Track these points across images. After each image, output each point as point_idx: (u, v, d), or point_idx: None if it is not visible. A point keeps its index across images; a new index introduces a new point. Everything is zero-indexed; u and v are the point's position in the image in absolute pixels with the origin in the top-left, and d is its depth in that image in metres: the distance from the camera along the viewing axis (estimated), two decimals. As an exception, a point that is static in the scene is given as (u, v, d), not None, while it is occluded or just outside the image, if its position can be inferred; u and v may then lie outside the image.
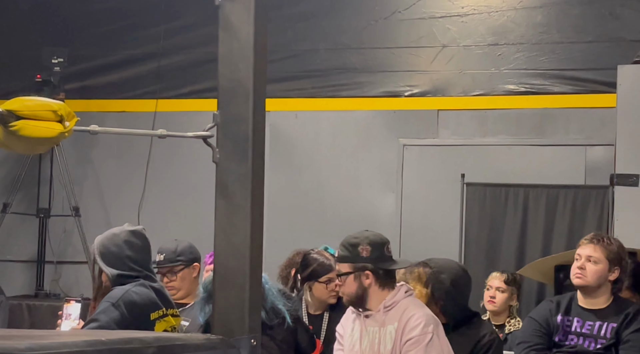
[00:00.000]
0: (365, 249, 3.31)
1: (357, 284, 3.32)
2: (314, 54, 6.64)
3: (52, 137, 1.89)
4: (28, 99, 1.92)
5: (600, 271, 3.84)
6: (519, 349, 3.93)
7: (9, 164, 6.97)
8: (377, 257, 3.32)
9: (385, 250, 3.35)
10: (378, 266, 3.31)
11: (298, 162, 6.53)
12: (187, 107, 6.72)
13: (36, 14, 7.01)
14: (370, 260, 3.31)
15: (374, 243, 3.34)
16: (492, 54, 6.29)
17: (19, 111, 1.86)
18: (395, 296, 3.30)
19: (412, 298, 3.34)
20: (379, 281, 3.31)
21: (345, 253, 3.36)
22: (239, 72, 2.09)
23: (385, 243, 3.37)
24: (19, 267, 6.94)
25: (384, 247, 3.35)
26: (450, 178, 6.09)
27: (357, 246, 3.32)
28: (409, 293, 3.35)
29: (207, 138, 2.13)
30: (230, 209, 2.07)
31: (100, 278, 3.26)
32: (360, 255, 3.31)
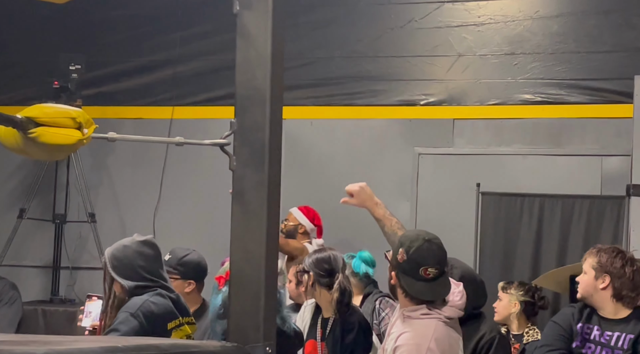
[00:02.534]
0: (402, 253, 3.19)
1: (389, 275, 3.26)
2: (330, 61, 6.65)
3: (71, 144, 1.90)
4: (47, 106, 1.93)
5: (585, 281, 3.87)
6: (540, 352, 3.91)
7: (25, 170, 7.00)
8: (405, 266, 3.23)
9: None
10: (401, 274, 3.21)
11: (313, 170, 6.53)
12: (202, 114, 6.74)
13: (53, 21, 7.05)
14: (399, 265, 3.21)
15: (410, 255, 3.18)
16: (509, 63, 6.29)
17: (38, 118, 1.88)
18: (414, 311, 3.19)
19: (426, 321, 3.17)
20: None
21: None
22: (256, 79, 2.10)
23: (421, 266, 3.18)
24: (35, 272, 6.97)
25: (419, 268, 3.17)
26: (465, 187, 6.07)
27: (401, 247, 3.20)
28: (428, 316, 3.18)
29: (224, 145, 2.13)
30: (246, 216, 2.08)
31: (111, 289, 3.26)
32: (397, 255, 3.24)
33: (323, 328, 4.07)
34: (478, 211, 5.88)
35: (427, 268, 3.13)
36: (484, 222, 5.88)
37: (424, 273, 3.13)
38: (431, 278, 3.15)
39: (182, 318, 3.24)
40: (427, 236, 3.20)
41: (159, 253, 3.31)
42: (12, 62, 7.13)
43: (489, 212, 5.90)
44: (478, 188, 5.93)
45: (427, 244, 3.17)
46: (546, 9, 6.27)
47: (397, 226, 3.54)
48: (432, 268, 3.14)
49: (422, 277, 3.14)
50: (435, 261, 3.16)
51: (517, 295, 5.06)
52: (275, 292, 2.12)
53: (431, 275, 3.14)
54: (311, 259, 4.14)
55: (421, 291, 3.16)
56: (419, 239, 3.17)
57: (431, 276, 3.14)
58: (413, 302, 3.18)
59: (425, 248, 3.16)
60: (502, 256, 5.84)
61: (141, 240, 3.27)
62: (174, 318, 3.19)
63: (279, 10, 2.11)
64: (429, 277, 3.14)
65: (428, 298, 3.17)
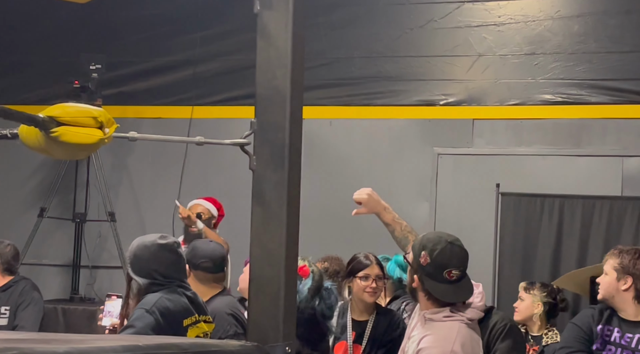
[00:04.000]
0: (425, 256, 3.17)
1: (410, 278, 3.24)
2: (349, 61, 6.65)
3: (92, 143, 1.91)
4: (69, 106, 1.94)
5: (607, 282, 3.84)
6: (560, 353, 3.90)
7: (46, 169, 7.04)
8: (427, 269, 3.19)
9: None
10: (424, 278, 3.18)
11: (332, 170, 6.53)
12: (222, 114, 6.75)
13: (74, 21, 7.09)
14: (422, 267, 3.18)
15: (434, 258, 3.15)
16: (529, 63, 6.26)
17: (60, 117, 1.89)
18: (436, 313, 3.17)
19: (449, 324, 3.15)
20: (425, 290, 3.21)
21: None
22: (276, 79, 2.11)
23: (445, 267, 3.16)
24: (55, 271, 7.01)
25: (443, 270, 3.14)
26: (485, 188, 6.05)
27: (423, 250, 3.17)
28: (451, 318, 3.17)
29: (245, 145, 2.14)
30: (266, 216, 2.08)
31: (129, 284, 3.28)
32: (419, 258, 3.20)
33: (356, 330, 4.08)
34: (498, 212, 5.86)
35: (450, 270, 3.13)
36: (504, 223, 5.86)
37: (447, 275, 3.13)
38: (454, 280, 3.15)
39: (198, 315, 3.25)
40: (449, 238, 3.19)
41: (179, 257, 3.30)
42: (33, 61, 7.18)
43: (508, 213, 5.88)
44: (498, 188, 5.90)
45: (449, 246, 3.16)
46: (567, 9, 6.24)
47: (407, 230, 3.55)
48: (455, 270, 3.14)
49: (445, 279, 3.14)
50: (459, 263, 3.16)
51: (540, 296, 5.03)
52: (295, 292, 2.12)
53: (454, 277, 3.14)
54: None
55: (445, 294, 3.15)
56: (441, 241, 3.17)
57: (454, 278, 3.15)
58: (435, 304, 3.17)
59: (449, 250, 3.15)
60: (521, 257, 5.81)
61: (162, 243, 3.26)
62: (189, 314, 3.20)
63: (299, 10, 2.12)
64: (453, 279, 3.14)
65: (452, 300, 3.17)
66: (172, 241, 3.31)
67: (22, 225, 6.69)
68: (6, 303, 5.30)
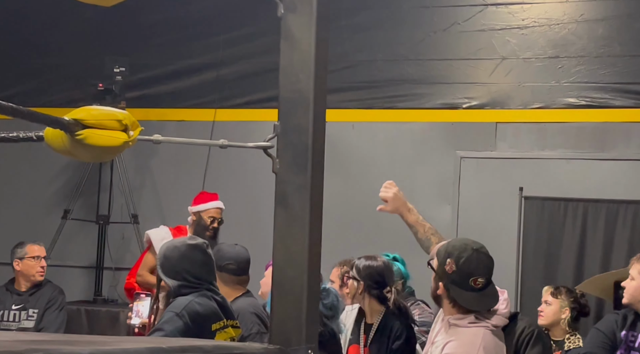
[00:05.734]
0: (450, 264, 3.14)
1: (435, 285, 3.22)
2: (372, 64, 6.65)
3: (117, 145, 1.92)
4: (94, 108, 1.95)
5: (633, 287, 3.82)
6: None
7: (70, 171, 7.09)
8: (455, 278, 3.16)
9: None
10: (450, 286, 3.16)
11: (354, 173, 6.52)
12: (245, 116, 6.77)
13: (98, 24, 7.13)
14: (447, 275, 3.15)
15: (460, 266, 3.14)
16: (553, 66, 6.23)
17: (85, 120, 1.89)
18: (461, 319, 3.15)
19: (474, 330, 3.13)
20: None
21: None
22: (299, 83, 2.10)
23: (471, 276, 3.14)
24: (78, 273, 7.05)
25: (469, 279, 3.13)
26: (508, 191, 6.03)
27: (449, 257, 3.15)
28: (476, 324, 3.15)
29: (268, 148, 2.14)
30: (289, 219, 2.08)
31: (159, 286, 3.30)
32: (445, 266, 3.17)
33: (367, 334, 4.06)
34: (521, 215, 5.83)
35: (477, 279, 3.12)
36: (527, 227, 5.83)
37: (473, 283, 3.12)
38: (480, 287, 3.13)
39: (226, 320, 3.26)
40: (475, 246, 3.17)
41: (209, 258, 3.32)
42: (57, 64, 7.23)
43: (531, 217, 5.85)
44: (521, 192, 5.88)
45: (475, 254, 3.14)
46: (591, 12, 6.20)
47: (431, 232, 3.53)
48: (481, 278, 3.13)
49: (471, 287, 3.12)
50: (485, 270, 3.15)
51: (568, 301, 5.00)
52: (318, 295, 2.12)
53: (480, 284, 3.13)
54: (362, 266, 4.14)
55: (471, 302, 3.14)
56: (467, 249, 3.15)
57: (480, 286, 3.13)
58: (460, 311, 3.16)
59: (475, 258, 3.13)
60: (545, 261, 5.78)
61: (192, 243, 3.28)
62: (218, 319, 3.21)
63: (323, 13, 2.11)
64: (478, 287, 3.13)
65: (478, 309, 3.15)
66: (201, 241, 3.33)
67: (46, 226, 6.73)
68: (34, 305, 5.34)
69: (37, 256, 5.38)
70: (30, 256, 5.36)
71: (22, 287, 5.38)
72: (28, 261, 5.35)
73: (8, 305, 5.33)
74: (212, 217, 5.57)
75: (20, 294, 5.36)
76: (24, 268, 5.35)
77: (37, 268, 5.35)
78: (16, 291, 5.37)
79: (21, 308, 5.33)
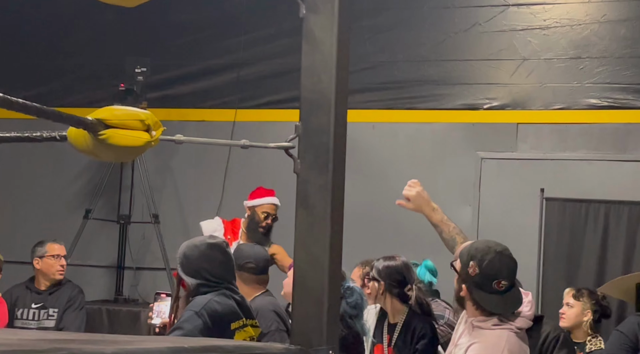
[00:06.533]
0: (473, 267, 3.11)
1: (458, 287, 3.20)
2: (393, 65, 6.64)
3: (139, 145, 1.93)
4: (117, 108, 1.96)
5: None
6: None
7: (91, 171, 7.12)
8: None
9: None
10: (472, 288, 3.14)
11: (374, 173, 6.52)
12: (265, 117, 6.78)
13: (120, 24, 7.16)
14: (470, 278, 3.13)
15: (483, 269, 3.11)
16: (574, 67, 6.20)
17: (108, 120, 1.90)
18: (484, 321, 3.13)
19: (498, 332, 3.12)
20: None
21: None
22: (321, 83, 2.11)
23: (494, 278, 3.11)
24: (100, 272, 7.08)
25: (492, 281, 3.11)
26: (529, 193, 6.00)
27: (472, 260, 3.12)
28: (500, 326, 3.12)
29: (289, 149, 2.14)
30: (310, 220, 2.08)
31: (179, 285, 3.31)
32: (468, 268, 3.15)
33: (390, 334, 4.07)
34: (542, 217, 5.81)
35: (500, 281, 3.09)
36: (548, 228, 5.81)
37: (497, 286, 3.09)
38: (504, 290, 3.11)
39: (245, 319, 3.26)
40: (498, 248, 3.14)
41: (228, 258, 3.33)
42: (79, 64, 7.26)
43: (553, 218, 5.82)
44: (542, 193, 5.86)
45: (499, 256, 3.11)
46: (614, 13, 6.16)
47: (455, 232, 3.51)
48: (505, 281, 3.10)
49: (494, 290, 3.09)
50: (508, 273, 3.12)
51: (590, 304, 4.98)
52: (339, 296, 2.12)
53: (504, 287, 3.10)
54: (382, 266, 4.14)
55: (495, 304, 3.11)
56: (490, 251, 3.12)
57: (504, 288, 3.10)
58: (484, 313, 3.14)
59: (498, 261, 3.10)
60: (566, 263, 5.76)
61: (212, 242, 3.30)
62: (237, 318, 3.22)
63: (345, 14, 2.11)
64: (502, 289, 3.10)
65: (502, 311, 3.12)
66: (221, 241, 3.35)
67: (68, 226, 6.76)
68: (54, 305, 5.36)
69: (57, 255, 5.40)
70: (50, 255, 5.38)
71: (41, 286, 5.40)
72: (48, 260, 5.37)
73: (28, 304, 5.35)
74: (266, 213, 5.48)
75: (40, 293, 5.39)
76: (44, 266, 5.37)
77: (56, 267, 5.37)
78: (36, 289, 5.40)
79: (40, 307, 5.35)
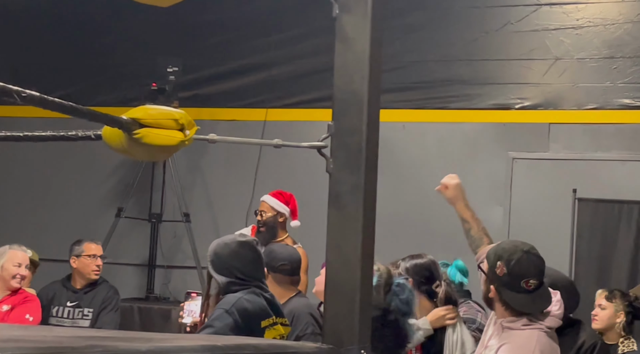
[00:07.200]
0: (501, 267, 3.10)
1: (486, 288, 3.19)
2: (423, 65, 6.62)
3: (173, 145, 1.94)
4: (151, 108, 1.98)
5: None
6: None
7: (123, 170, 7.17)
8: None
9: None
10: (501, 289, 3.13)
11: (404, 173, 6.50)
12: (295, 116, 6.79)
13: (152, 24, 7.20)
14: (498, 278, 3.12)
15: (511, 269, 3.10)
16: (607, 67, 6.15)
17: (143, 119, 1.92)
18: (514, 322, 3.12)
19: (528, 332, 3.10)
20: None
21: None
22: (354, 83, 2.11)
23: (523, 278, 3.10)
24: (131, 270, 7.13)
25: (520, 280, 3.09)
26: (561, 193, 5.96)
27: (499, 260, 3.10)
28: (530, 326, 3.11)
29: (322, 148, 2.15)
30: (343, 219, 2.08)
31: (209, 283, 3.33)
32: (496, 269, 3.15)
33: None
34: (574, 217, 5.77)
35: (528, 280, 3.08)
36: (580, 229, 5.77)
37: (525, 285, 3.08)
38: (532, 289, 3.10)
39: (275, 317, 3.28)
40: (525, 247, 3.13)
41: (258, 256, 3.35)
42: (111, 64, 7.32)
43: (585, 219, 5.79)
44: (574, 194, 5.82)
45: (526, 255, 3.10)
46: (647, 12, 6.11)
47: (483, 232, 3.52)
48: (533, 280, 3.09)
49: (523, 289, 3.08)
50: (536, 272, 3.11)
51: (622, 305, 4.93)
52: (371, 295, 2.12)
53: (532, 286, 3.09)
54: (409, 265, 4.12)
55: (524, 304, 3.10)
56: (517, 251, 3.11)
57: (532, 287, 3.09)
58: (513, 314, 3.13)
59: (525, 260, 3.09)
60: (598, 264, 5.71)
61: (242, 240, 3.32)
62: (267, 316, 3.23)
63: (378, 14, 2.11)
64: (531, 289, 3.09)
65: (531, 311, 3.11)
66: (251, 239, 3.37)
67: (100, 224, 6.82)
68: (89, 304, 5.41)
69: (93, 255, 5.44)
70: (87, 254, 5.42)
71: (77, 284, 5.45)
72: (84, 259, 5.42)
73: (63, 302, 5.40)
74: (256, 211, 5.55)
75: (76, 291, 5.43)
76: (80, 265, 5.42)
77: (92, 267, 5.41)
78: (72, 288, 5.44)
79: (75, 305, 5.40)
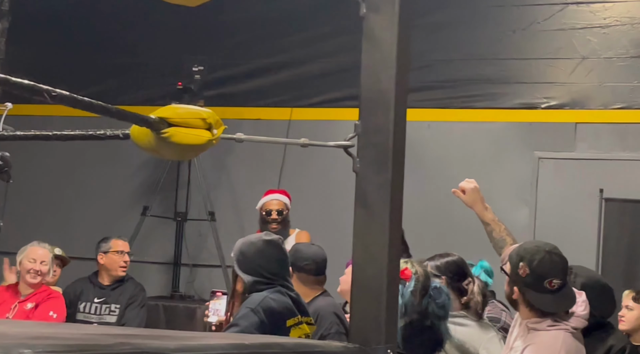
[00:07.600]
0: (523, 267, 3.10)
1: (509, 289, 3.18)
2: (449, 64, 6.60)
3: (201, 144, 1.95)
4: (179, 107, 1.99)
5: None
6: None
7: (149, 169, 7.20)
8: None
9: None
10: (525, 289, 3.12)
11: (429, 172, 6.48)
12: (320, 115, 6.79)
13: (178, 23, 7.23)
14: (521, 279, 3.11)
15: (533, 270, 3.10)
16: (635, 66, 6.10)
17: (171, 118, 1.93)
18: (539, 323, 3.11)
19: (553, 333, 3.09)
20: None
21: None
22: (381, 83, 2.10)
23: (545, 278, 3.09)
24: (156, 268, 7.16)
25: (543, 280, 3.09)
26: (587, 193, 5.93)
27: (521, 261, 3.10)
28: (555, 327, 3.10)
29: (348, 147, 2.15)
30: (369, 218, 2.08)
31: (235, 282, 3.35)
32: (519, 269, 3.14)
33: None
34: (601, 218, 5.74)
35: (551, 280, 3.08)
36: (607, 229, 5.73)
37: (548, 285, 3.08)
38: (556, 289, 3.09)
39: (301, 316, 3.28)
40: (547, 248, 3.13)
41: (284, 254, 3.36)
42: (137, 63, 7.35)
43: (612, 219, 5.75)
44: (601, 194, 5.78)
45: (548, 255, 3.10)
46: (676, 11, 6.06)
47: (506, 233, 3.52)
48: (556, 280, 3.08)
49: (547, 289, 3.08)
50: (559, 272, 3.11)
51: None
52: (397, 294, 2.12)
53: (556, 286, 3.09)
54: (440, 263, 4.11)
55: (548, 304, 3.10)
56: (539, 251, 3.11)
57: (556, 287, 3.09)
58: (537, 314, 3.12)
59: (548, 260, 3.09)
60: (625, 264, 5.68)
61: (268, 239, 3.34)
62: (293, 315, 3.24)
63: (405, 13, 2.11)
64: (554, 288, 3.09)
65: (555, 310, 3.11)
66: (277, 238, 3.38)
67: (126, 222, 6.85)
68: (116, 301, 5.45)
69: (121, 251, 5.50)
70: (114, 250, 5.48)
71: (104, 281, 5.50)
72: (112, 255, 5.47)
73: (90, 298, 5.45)
74: (266, 210, 5.69)
75: (103, 288, 5.48)
76: (108, 262, 5.47)
77: (120, 263, 5.46)
78: (99, 284, 5.49)
79: (103, 301, 5.44)
